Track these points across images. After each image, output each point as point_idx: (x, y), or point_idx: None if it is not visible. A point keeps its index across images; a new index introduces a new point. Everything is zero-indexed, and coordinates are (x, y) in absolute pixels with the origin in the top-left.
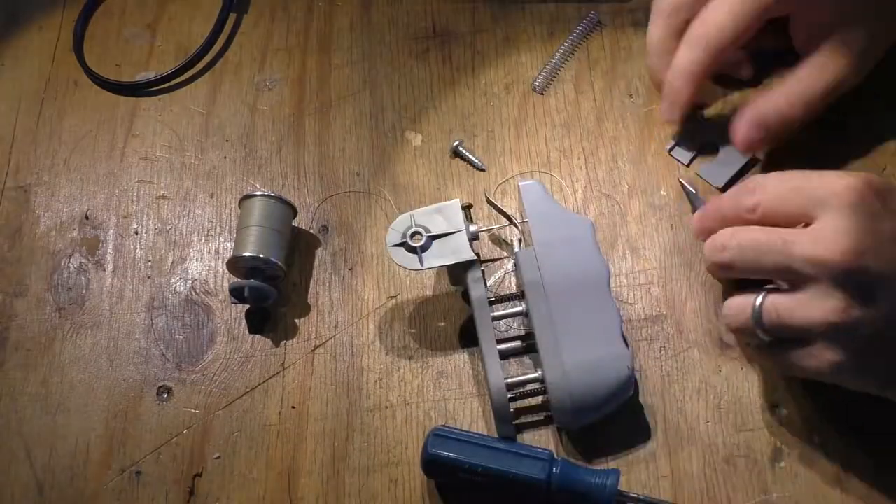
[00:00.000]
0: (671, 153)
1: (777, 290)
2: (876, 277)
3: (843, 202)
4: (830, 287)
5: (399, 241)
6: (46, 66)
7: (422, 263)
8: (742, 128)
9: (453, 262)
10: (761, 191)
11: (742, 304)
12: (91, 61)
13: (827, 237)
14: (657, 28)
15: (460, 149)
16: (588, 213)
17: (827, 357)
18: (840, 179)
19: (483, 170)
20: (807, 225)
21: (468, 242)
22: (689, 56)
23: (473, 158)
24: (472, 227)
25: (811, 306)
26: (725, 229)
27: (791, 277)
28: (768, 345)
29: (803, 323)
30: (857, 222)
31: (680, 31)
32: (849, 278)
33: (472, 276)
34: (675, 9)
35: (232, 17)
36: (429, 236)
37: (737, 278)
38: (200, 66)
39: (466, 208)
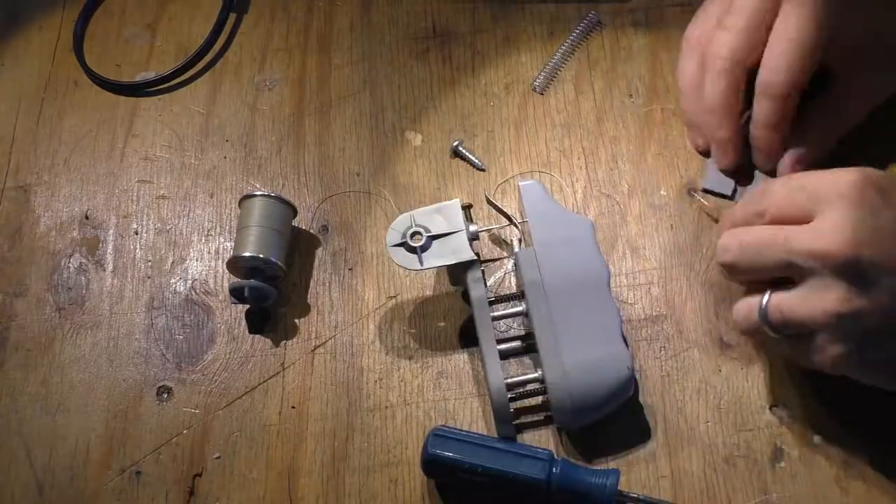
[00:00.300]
0: (707, 190)
1: (782, 289)
2: (875, 269)
3: (842, 196)
4: (831, 279)
5: (399, 241)
6: (46, 66)
7: (422, 263)
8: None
9: (453, 262)
10: (769, 196)
11: (749, 306)
12: (91, 61)
13: (826, 231)
14: (690, 62)
15: (460, 149)
16: (588, 213)
17: (832, 350)
18: (839, 175)
19: (483, 170)
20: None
21: (468, 242)
22: (765, 108)
23: (473, 158)
24: (472, 227)
25: (813, 299)
26: (730, 230)
27: (793, 273)
28: (779, 342)
29: (806, 316)
30: (856, 215)
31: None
32: (848, 269)
33: (472, 276)
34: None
35: (232, 17)
36: (429, 236)
37: (743, 281)
38: (200, 66)
39: (466, 208)
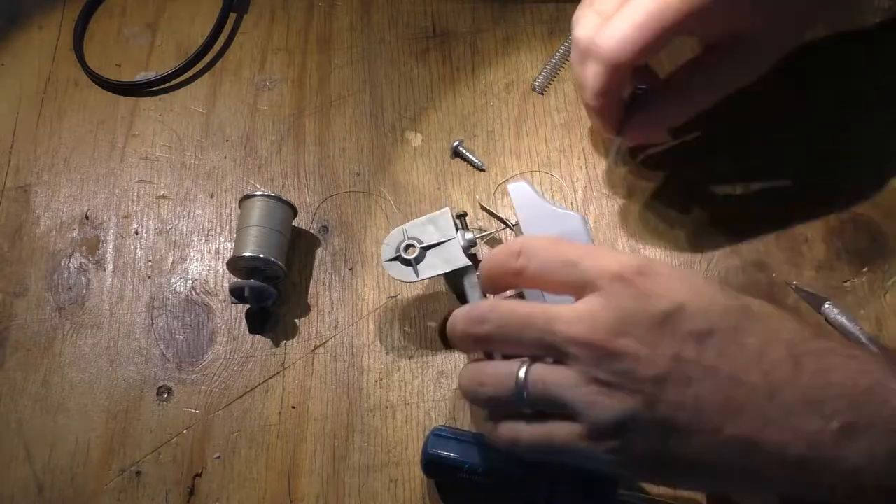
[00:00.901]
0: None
1: (537, 360)
2: (632, 363)
3: (607, 285)
4: (590, 367)
5: (393, 255)
6: (46, 65)
7: (417, 275)
8: (630, 138)
9: (447, 270)
10: (529, 256)
11: (503, 373)
12: (91, 61)
13: (587, 319)
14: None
15: (460, 149)
16: (588, 213)
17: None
18: (608, 262)
19: (483, 170)
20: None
21: (461, 250)
22: (592, 71)
23: (473, 158)
24: (469, 235)
25: (574, 382)
26: (485, 301)
27: (554, 354)
28: (496, 415)
29: (568, 397)
30: (618, 307)
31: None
32: (606, 362)
33: (469, 281)
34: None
35: (232, 17)
36: (422, 247)
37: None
38: (200, 66)
39: (462, 217)
